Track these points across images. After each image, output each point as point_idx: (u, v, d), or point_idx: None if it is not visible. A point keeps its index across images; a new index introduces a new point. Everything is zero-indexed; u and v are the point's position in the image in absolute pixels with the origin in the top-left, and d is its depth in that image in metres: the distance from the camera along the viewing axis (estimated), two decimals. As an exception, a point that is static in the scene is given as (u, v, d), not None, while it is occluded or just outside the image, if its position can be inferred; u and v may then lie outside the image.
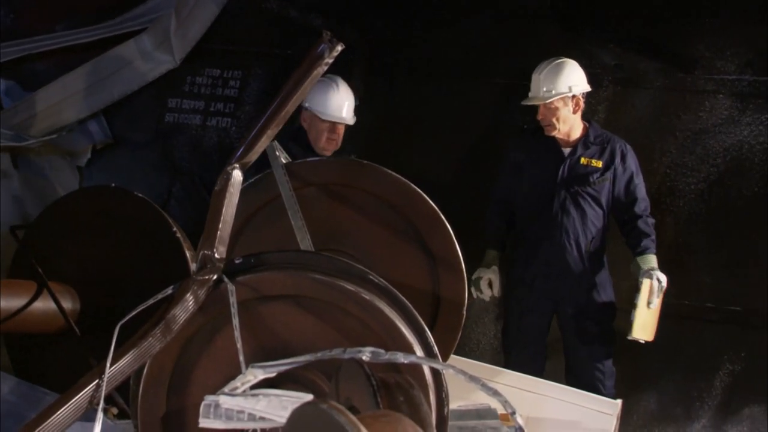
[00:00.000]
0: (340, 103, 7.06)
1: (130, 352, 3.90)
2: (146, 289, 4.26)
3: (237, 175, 4.73)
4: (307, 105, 7.02)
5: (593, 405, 5.87)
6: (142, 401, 4.27)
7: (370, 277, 4.36)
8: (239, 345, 3.96)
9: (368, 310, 4.14)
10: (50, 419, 3.74)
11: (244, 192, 5.03)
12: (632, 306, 6.59)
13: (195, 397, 4.13)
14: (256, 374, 3.38)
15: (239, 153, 4.80)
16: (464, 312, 5.74)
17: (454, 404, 4.45)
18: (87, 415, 3.91)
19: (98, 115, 8.97)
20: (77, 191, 8.43)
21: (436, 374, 4.17)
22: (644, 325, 6.61)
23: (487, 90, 7.13)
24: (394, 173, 5.76)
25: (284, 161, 5.84)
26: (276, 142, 5.66)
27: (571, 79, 6.85)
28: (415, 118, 8.04)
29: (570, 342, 6.99)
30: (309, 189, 5.82)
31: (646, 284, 6.57)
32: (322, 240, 5.61)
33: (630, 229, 6.86)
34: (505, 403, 2.79)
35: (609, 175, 6.81)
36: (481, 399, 5.26)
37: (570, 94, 6.79)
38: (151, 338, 3.92)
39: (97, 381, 3.84)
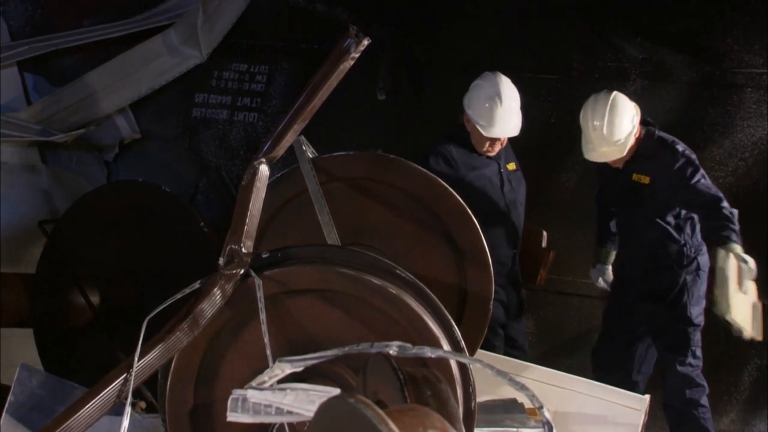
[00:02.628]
0: (505, 120, 6.62)
1: (158, 347, 3.93)
2: (174, 283, 4.27)
3: (264, 169, 4.73)
4: (469, 112, 6.71)
5: (621, 400, 5.85)
6: (169, 395, 4.28)
7: (397, 271, 4.36)
8: (266, 339, 3.97)
9: (395, 305, 4.14)
10: (79, 413, 3.77)
11: (271, 186, 5.04)
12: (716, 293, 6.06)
13: (222, 391, 4.15)
14: (284, 368, 3.40)
15: (266, 148, 4.81)
16: (491, 306, 5.74)
17: (481, 398, 4.44)
18: (115, 409, 3.94)
19: (126, 110, 9.02)
20: (105, 186, 8.49)
21: (464, 369, 4.17)
22: (743, 315, 5.99)
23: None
24: (421, 168, 5.76)
25: (311, 156, 5.85)
26: (302, 136, 5.66)
27: (627, 112, 6.46)
28: (443, 113, 8.02)
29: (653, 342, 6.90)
30: (336, 183, 5.82)
31: (730, 263, 5.96)
32: (348, 234, 5.61)
33: (704, 226, 6.50)
34: (532, 397, 2.79)
35: (658, 191, 6.47)
36: (508, 393, 5.26)
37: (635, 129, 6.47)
38: (178, 332, 3.95)
39: (125, 375, 3.87)
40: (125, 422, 3.78)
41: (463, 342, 4.37)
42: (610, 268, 7.14)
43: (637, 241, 6.66)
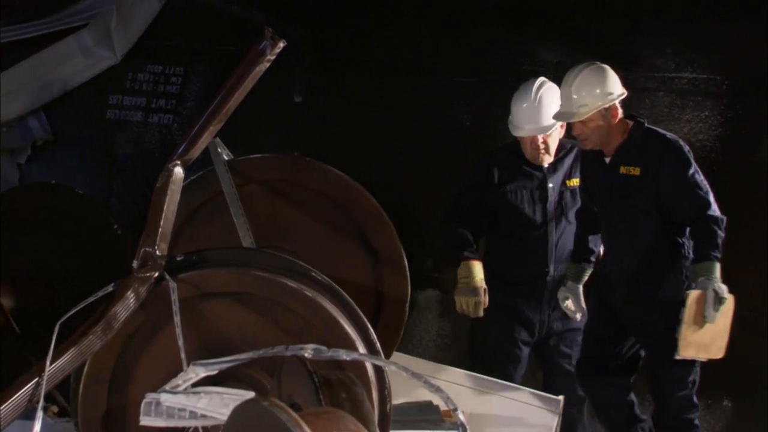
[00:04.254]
0: (529, 115, 6.23)
1: (71, 350, 3.89)
2: (87, 286, 4.24)
3: (178, 172, 4.71)
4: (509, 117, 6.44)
5: (535, 401, 5.89)
6: (82, 399, 4.25)
7: (313, 274, 4.37)
8: (181, 342, 3.95)
9: (311, 307, 4.15)
10: (-11, 418, 3.72)
11: (186, 189, 5.02)
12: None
13: (136, 395, 4.11)
14: (198, 372, 3.38)
15: (181, 150, 4.79)
16: (407, 309, 5.77)
17: (396, 401, 4.46)
18: (27, 414, 3.89)
19: (38, 112, 8.90)
20: (17, 188, 8.38)
21: (379, 371, 4.18)
22: (697, 343, 5.69)
23: (431, 87, 7.13)
24: (337, 171, 5.77)
25: (226, 158, 5.83)
26: (218, 138, 5.64)
27: (607, 87, 5.99)
28: (360, 115, 8.03)
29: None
30: (251, 186, 5.82)
31: (691, 296, 5.60)
32: (264, 237, 5.61)
33: (691, 236, 5.96)
34: (447, 399, 2.80)
35: (650, 182, 5.93)
36: (423, 396, 5.28)
37: (608, 105, 5.93)
38: (91, 336, 3.91)
39: (37, 379, 3.82)
40: (37, 427, 3.74)
41: (378, 344, 4.38)
42: (581, 289, 6.42)
43: (628, 240, 6.08)
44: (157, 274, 4.10)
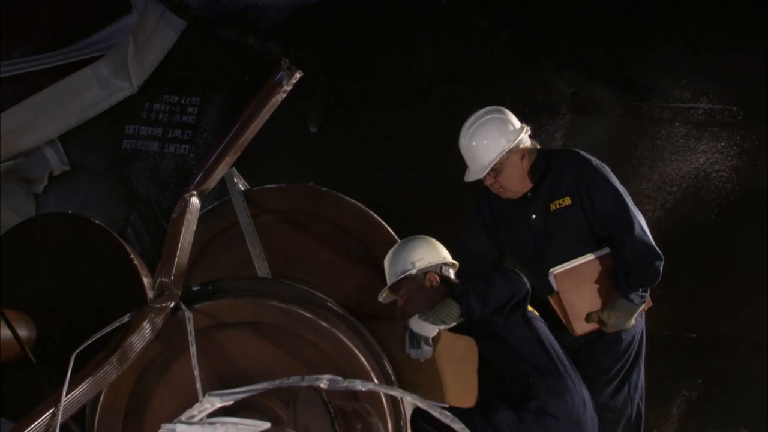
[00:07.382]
0: (466, 156, 5.87)
1: (87, 381, 3.87)
2: (103, 316, 4.23)
3: (195, 202, 4.70)
4: None
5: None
6: (98, 430, 4.23)
7: (328, 304, 4.35)
8: (196, 373, 3.93)
9: (326, 338, 4.13)
10: (5, 448, 3.72)
11: (202, 219, 5.02)
12: None
13: (151, 426, 4.11)
14: (214, 402, 3.37)
15: (197, 180, 4.78)
16: (422, 339, 5.73)
17: (411, 432, 4.43)
18: (42, 444, 3.88)
19: (55, 142, 8.92)
20: (33, 218, 8.37)
21: (394, 402, 4.16)
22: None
23: (448, 117, 7.10)
24: (352, 200, 5.76)
25: (242, 188, 5.83)
26: (234, 169, 5.64)
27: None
28: (375, 146, 8.03)
29: None
30: (267, 216, 5.81)
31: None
32: (280, 267, 5.60)
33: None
34: (462, 429, 2.79)
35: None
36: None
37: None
38: (107, 366, 3.90)
39: (52, 410, 3.80)
40: (53, 458, 3.73)
41: (393, 375, 4.36)
42: None
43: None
44: (173, 305, 4.10)
